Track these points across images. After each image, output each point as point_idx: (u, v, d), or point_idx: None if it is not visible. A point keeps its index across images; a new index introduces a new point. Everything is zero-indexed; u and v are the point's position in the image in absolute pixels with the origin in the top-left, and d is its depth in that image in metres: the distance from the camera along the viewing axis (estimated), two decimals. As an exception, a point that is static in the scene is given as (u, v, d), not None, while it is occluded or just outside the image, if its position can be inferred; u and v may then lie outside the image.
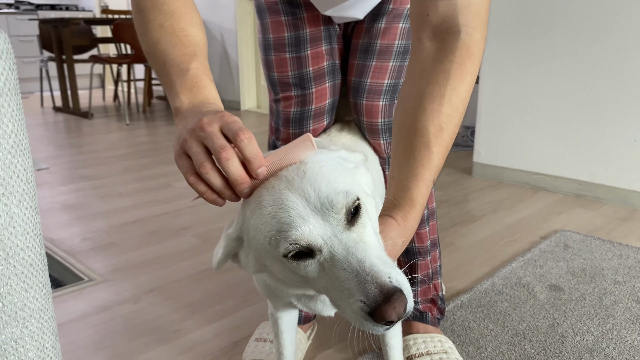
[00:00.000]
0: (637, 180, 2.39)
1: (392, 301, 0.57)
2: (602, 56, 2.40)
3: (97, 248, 2.03)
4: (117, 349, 1.39)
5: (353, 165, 0.71)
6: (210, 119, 0.64)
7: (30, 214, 0.42)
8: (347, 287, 0.59)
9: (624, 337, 1.40)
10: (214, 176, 0.63)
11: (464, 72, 0.78)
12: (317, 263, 0.61)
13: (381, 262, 0.60)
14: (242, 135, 0.62)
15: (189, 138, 0.64)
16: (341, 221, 0.61)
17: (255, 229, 0.64)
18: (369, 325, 0.59)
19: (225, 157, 0.61)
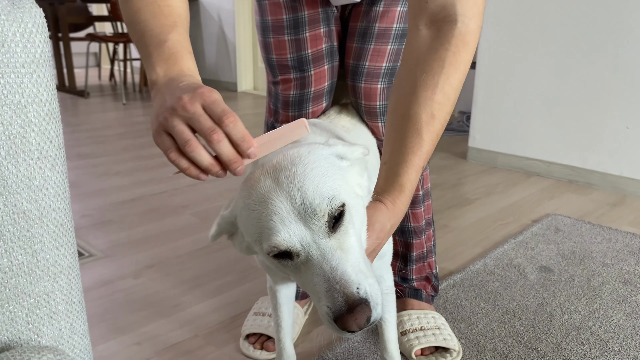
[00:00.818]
0: (628, 166, 2.44)
1: (354, 312, 0.59)
2: (597, 43, 2.43)
3: (97, 225, 2.06)
4: (118, 322, 1.43)
5: (348, 163, 0.72)
6: (191, 98, 0.63)
7: (61, 178, 0.45)
8: (317, 291, 0.63)
9: (610, 317, 1.45)
10: (202, 154, 0.63)
11: (459, 62, 0.80)
12: (294, 264, 0.65)
13: (354, 271, 0.62)
14: (227, 120, 0.61)
15: (169, 117, 0.63)
16: (322, 227, 0.63)
17: (243, 225, 0.68)
18: (334, 328, 0.62)
19: (217, 139, 0.61)
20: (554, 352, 1.29)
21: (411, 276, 1.39)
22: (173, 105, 0.63)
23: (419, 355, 1.25)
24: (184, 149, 0.63)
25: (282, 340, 1.09)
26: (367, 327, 0.62)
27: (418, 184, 1.32)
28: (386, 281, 1.03)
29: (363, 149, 0.74)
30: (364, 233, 0.71)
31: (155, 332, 1.38)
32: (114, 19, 5.15)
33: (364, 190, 0.73)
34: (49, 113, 0.44)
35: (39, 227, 0.43)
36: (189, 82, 0.68)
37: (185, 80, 0.68)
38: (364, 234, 0.71)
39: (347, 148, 0.72)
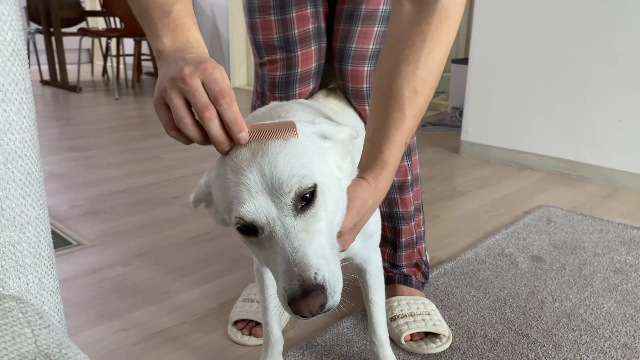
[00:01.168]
0: (620, 159, 2.44)
1: (307, 298, 0.59)
2: (589, 37, 2.43)
3: (86, 215, 2.04)
4: (106, 308, 1.41)
5: (330, 144, 0.70)
6: (191, 70, 0.62)
7: (28, 124, 0.43)
8: (277, 271, 0.62)
9: (601, 304, 1.44)
10: (194, 131, 0.64)
11: (441, 35, 0.79)
12: (259, 240, 0.64)
13: (316, 256, 0.61)
14: (222, 100, 0.61)
15: (169, 88, 0.63)
16: (288, 205, 0.62)
17: (215, 194, 0.68)
18: (288, 310, 0.61)
19: (208, 117, 0.62)
20: (544, 338, 1.29)
21: (401, 262, 1.38)
22: (173, 76, 0.63)
23: (408, 340, 1.24)
24: (178, 124, 0.64)
25: (269, 323, 1.08)
26: (321, 313, 0.61)
27: (406, 169, 1.32)
28: (374, 262, 1.02)
29: (351, 131, 0.73)
30: (338, 217, 0.69)
31: (142, 318, 1.37)
32: (107, 13, 5.12)
33: (345, 173, 0.72)
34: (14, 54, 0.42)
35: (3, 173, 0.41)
36: (197, 54, 0.68)
37: (193, 52, 0.68)
38: (338, 218, 0.69)
39: (333, 128, 0.71)
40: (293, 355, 1.21)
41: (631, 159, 2.41)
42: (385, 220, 1.36)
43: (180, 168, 2.65)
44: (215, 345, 1.27)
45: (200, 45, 0.72)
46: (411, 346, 1.23)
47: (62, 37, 4.99)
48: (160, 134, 3.31)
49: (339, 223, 0.70)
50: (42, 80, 5.50)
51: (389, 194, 1.32)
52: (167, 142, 3.13)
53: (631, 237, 1.87)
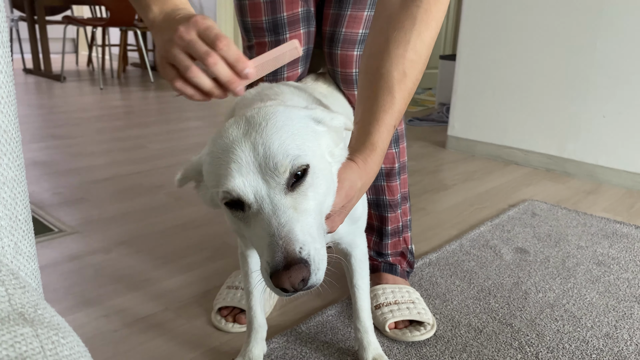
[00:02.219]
0: (604, 155, 2.46)
1: (290, 270, 0.58)
2: (574, 33, 2.45)
3: (68, 202, 2.00)
4: (86, 295, 1.39)
5: (324, 129, 0.70)
6: (186, 27, 0.66)
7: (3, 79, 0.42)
8: (261, 245, 0.62)
9: (584, 295, 1.45)
10: (203, 78, 0.67)
11: (430, 19, 0.80)
12: (245, 216, 0.64)
13: (302, 232, 0.61)
14: (220, 44, 0.65)
15: (170, 48, 0.67)
16: (280, 184, 0.62)
17: (206, 171, 0.68)
18: (270, 285, 0.61)
19: (213, 61, 0.64)
20: (528, 328, 1.29)
21: (386, 251, 1.38)
22: (171, 37, 0.67)
23: (392, 328, 1.24)
24: (186, 75, 0.67)
25: (252, 308, 1.07)
26: (303, 289, 0.61)
27: (394, 157, 1.31)
28: (359, 247, 1.02)
29: (346, 120, 0.73)
30: (329, 200, 0.69)
31: (124, 305, 1.35)
32: (93, 2, 5.05)
33: (336, 159, 0.72)
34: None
35: (-24, 130, 0.39)
36: (184, 14, 0.71)
37: (180, 13, 0.72)
38: (328, 201, 0.69)
39: (327, 114, 0.71)
40: (277, 341, 1.20)
41: (615, 155, 2.43)
42: (371, 208, 1.35)
43: (165, 157, 2.62)
44: (199, 331, 1.25)
45: (186, 6, 0.76)
46: (395, 334, 1.23)
47: (46, 25, 4.92)
48: (145, 124, 3.27)
49: (329, 206, 0.70)
50: (25, 69, 5.41)
51: (376, 181, 1.32)
52: (152, 132, 3.09)
53: (613, 230, 1.89)
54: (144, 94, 4.50)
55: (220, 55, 0.65)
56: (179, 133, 3.13)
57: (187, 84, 0.68)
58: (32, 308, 0.32)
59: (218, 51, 0.65)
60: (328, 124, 0.71)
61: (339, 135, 0.72)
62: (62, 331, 0.32)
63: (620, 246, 1.77)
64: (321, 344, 1.20)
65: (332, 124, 0.71)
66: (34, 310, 0.33)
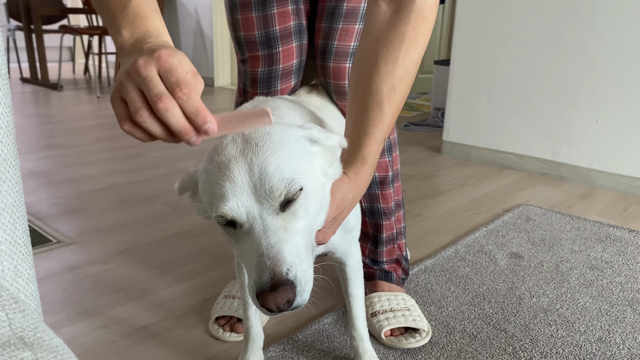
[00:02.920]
0: (598, 159, 2.48)
1: (275, 292, 0.60)
2: (567, 39, 2.47)
3: (66, 212, 2.02)
4: (85, 306, 1.40)
5: (319, 149, 0.71)
6: (145, 61, 0.59)
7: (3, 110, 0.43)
8: (250, 263, 0.63)
9: (577, 300, 1.47)
10: (153, 124, 0.59)
11: (418, 36, 0.83)
12: (236, 233, 0.65)
13: (290, 254, 0.62)
14: (179, 92, 0.57)
15: (125, 81, 0.60)
16: (274, 206, 0.63)
17: (201, 187, 0.69)
18: (256, 304, 0.62)
19: (164, 107, 0.57)
20: (522, 333, 1.31)
21: (381, 258, 1.40)
22: (128, 69, 0.60)
23: (388, 335, 1.25)
24: (135, 119, 0.59)
25: (249, 318, 1.08)
26: (288, 310, 0.62)
27: (387, 165, 1.33)
28: (354, 256, 1.03)
29: (340, 139, 0.75)
30: (320, 217, 0.71)
31: (122, 315, 1.36)
32: (89, 11, 5.07)
33: (329, 178, 0.73)
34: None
35: (-23, 159, 0.41)
36: (154, 42, 0.64)
37: (151, 42, 0.65)
38: (320, 219, 0.70)
39: (323, 134, 0.72)
40: (274, 350, 1.21)
41: (608, 158, 2.46)
42: (366, 216, 1.37)
43: (162, 166, 2.64)
44: (196, 341, 1.26)
45: (160, 34, 0.68)
46: (391, 341, 1.24)
47: (43, 34, 4.93)
48: (142, 133, 3.29)
49: (321, 223, 0.71)
50: (22, 78, 5.42)
51: (370, 189, 1.34)
52: (149, 141, 3.11)
53: (607, 234, 1.91)
54: (141, 101, 4.51)
55: (178, 104, 0.58)
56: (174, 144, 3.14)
57: (137, 127, 0.60)
58: (31, 332, 0.34)
59: (177, 99, 0.58)
60: (323, 144, 0.72)
61: (333, 155, 0.74)
62: (60, 353, 0.33)
63: (614, 250, 1.78)
64: (318, 352, 1.22)
65: (327, 143, 0.72)
66: (34, 333, 0.34)
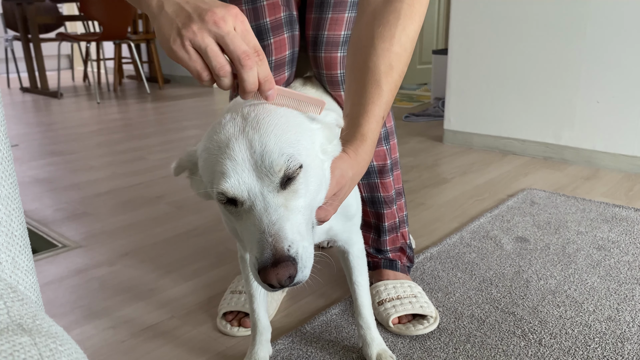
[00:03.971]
0: (601, 140, 2.47)
1: (277, 267, 0.60)
2: (564, 21, 2.46)
3: (71, 217, 2.02)
4: (92, 307, 1.40)
5: (318, 126, 0.72)
6: (224, 15, 0.60)
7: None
8: (251, 240, 0.63)
9: (585, 280, 1.46)
10: (229, 81, 0.64)
11: (414, 13, 0.83)
12: (238, 211, 0.65)
13: (292, 231, 0.62)
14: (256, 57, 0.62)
15: (198, 30, 0.60)
16: (274, 183, 0.63)
17: (201, 166, 0.68)
18: (258, 280, 0.63)
19: (250, 65, 0.61)
20: (530, 315, 1.30)
21: (385, 247, 1.39)
22: (203, 16, 0.60)
23: (396, 323, 1.25)
24: (218, 72, 0.62)
25: (255, 310, 1.08)
26: (289, 286, 0.62)
27: (385, 153, 1.33)
28: (356, 244, 1.03)
29: (337, 117, 0.75)
30: (320, 195, 0.71)
31: (130, 315, 1.36)
32: (85, 18, 5.08)
33: (328, 155, 0.73)
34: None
35: (-30, 151, 0.41)
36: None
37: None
38: (320, 196, 0.71)
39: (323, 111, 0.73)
40: (282, 343, 1.21)
41: (611, 139, 2.44)
42: (367, 206, 1.37)
43: (164, 168, 2.64)
44: (205, 337, 1.27)
45: None
46: (399, 329, 1.24)
47: (40, 42, 4.95)
48: (143, 135, 3.30)
49: (321, 201, 0.71)
50: (22, 88, 5.44)
51: (370, 178, 1.33)
52: (151, 143, 3.11)
53: (613, 214, 1.90)
54: (141, 105, 4.52)
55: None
56: (178, 143, 3.15)
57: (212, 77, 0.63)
58: (30, 319, 0.34)
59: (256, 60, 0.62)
60: (322, 121, 0.72)
61: (332, 132, 0.74)
62: (60, 339, 0.33)
63: (620, 230, 1.78)
64: (326, 343, 1.22)
65: (326, 119, 0.73)
66: (32, 320, 0.34)
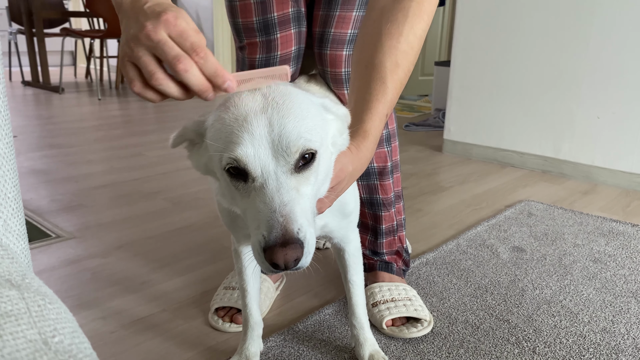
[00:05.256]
0: (600, 156, 2.47)
1: (286, 248, 0.59)
2: (567, 35, 2.47)
3: (66, 209, 2.01)
4: (83, 298, 1.39)
5: (332, 117, 0.72)
6: (154, 25, 0.59)
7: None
8: (259, 218, 0.62)
9: (580, 291, 1.45)
10: (169, 86, 0.61)
11: (422, 12, 0.82)
12: (246, 187, 0.64)
13: (301, 215, 0.62)
14: (196, 56, 0.60)
15: (134, 47, 0.60)
16: (289, 163, 0.63)
17: (212, 135, 0.66)
18: (260, 259, 0.62)
19: (184, 68, 0.59)
20: (525, 324, 1.29)
21: (382, 250, 1.38)
22: (137, 34, 0.60)
23: (389, 325, 1.24)
24: (151, 82, 0.61)
25: (248, 305, 1.07)
26: (292, 269, 0.62)
27: (386, 155, 1.32)
28: (352, 242, 1.02)
29: (347, 112, 0.75)
30: (325, 186, 0.71)
31: (121, 307, 1.35)
32: (90, 14, 5.08)
33: (337, 148, 0.73)
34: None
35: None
36: (154, 2, 0.64)
37: (150, 1, 0.64)
38: (324, 187, 0.71)
39: (334, 104, 0.73)
40: (274, 340, 1.20)
41: (610, 155, 2.44)
42: (365, 207, 1.36)
43: (162, 164, 2.63)
44: (196, 331, 1.25)
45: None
46: (393, 331, 1.23)
47: (45, 37, 4.94)
48: (144, 132, 3.29)
49: (323, 193, 0.71)
50: (23, 81, 5.43)
51: (369, 180, 1.33)
52: (150, 140, 3.10)
53: (610, 229, 1.89)
54: (142, 103, 4.51)
55: (197, 66, 0.60)
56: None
57: (148, 88, 0.62)
58: (19, 276, 0.33)
59: (196, 63, 0.60)
60: (335, 113, 0.72)
61: (343, 125, 0.74)
62: (49, 297, 0.32)
63: (617, 244, 1.77)
64: (318, 342, 1.20)
65: (339, 112, 0.73)
66: (22, 278, 0.33)
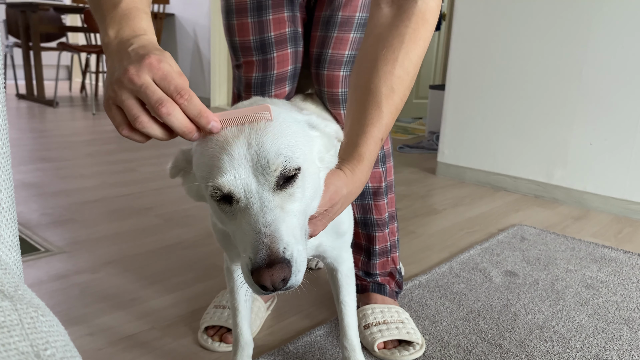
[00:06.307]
0: (592, 182, 2.49)
1: (272, 268, 0.59)
2: (561, 62, 2.50)
3: (56, 223, 1.99)
4: (71, 313, 1.36)
5: (317, 134, 0.72)
6: (137, 69, 0.60)
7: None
8: (245, 240, 0.62)
9: (573, 317, 1.45)
10: (153, 128, 0.61)
11: (418, 38, 0.83)
12: (232, 210, 0.64)
13: (287, 233, 0.61)
14: (180, 99, 0.60)
15: (118, 90, 0.61)
16: (270, 182, 0.63)
17: (196, 161, 0.67)
18: (250, 281, 0.61)
19: (166, 112, 0.59)
20: (517, 349, 1.28)
21: (375, 271, 1.38)
22: (120, 78, 0.61)
23: (381, 348, 1.23)
24: (135, 126, 0.61)
25: (239, 325, 1.05)
26: (282, 289, 0.61)
27: (381, 176, 1.32)
28: (345, 262, 1.01)
29: (337, 128, 0.75)
30: (315, 203, 0.70)
31: (109, 323, 1.33)
32: (88, 29, 5.10)
33: (325, 164, 0.73)
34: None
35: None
36: (139, 44, 0.65)
37: (135, 43, 0.65)
38: (314, 204, 0.70)
39: (321, 121, 0.73)
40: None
41: (602, 181, 2.46)
42: (359, 227, 1.36)
43: (155, 180, 2.62)
44: (185, 350, 1.23)
45: (146, 33, 0.68)
46: (384, 354, 1.21)
47: (41, 51, 4.95)
48: (137, 148, 3.27)
49: (314, 209, 0.71)
50: (18, 94, 5.42)
51: (364, 200, 1.32)
52: (143, 156, 3.09)
53: (602, 255, 1.90)
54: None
55: (181, 108, 0.60)
56: (170, 157, 3.12)
57: (135, 131, 0.62)
58: (12, 288, 0.32)
59: (179, 105, 0.60)
60: (322, 130, 0.72)
61: (330, 141, 0.74)
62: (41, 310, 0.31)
63: (609, 270, 1.77)
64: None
65: (325, 130, 0.73)
66: (15, 290, 0.32)
